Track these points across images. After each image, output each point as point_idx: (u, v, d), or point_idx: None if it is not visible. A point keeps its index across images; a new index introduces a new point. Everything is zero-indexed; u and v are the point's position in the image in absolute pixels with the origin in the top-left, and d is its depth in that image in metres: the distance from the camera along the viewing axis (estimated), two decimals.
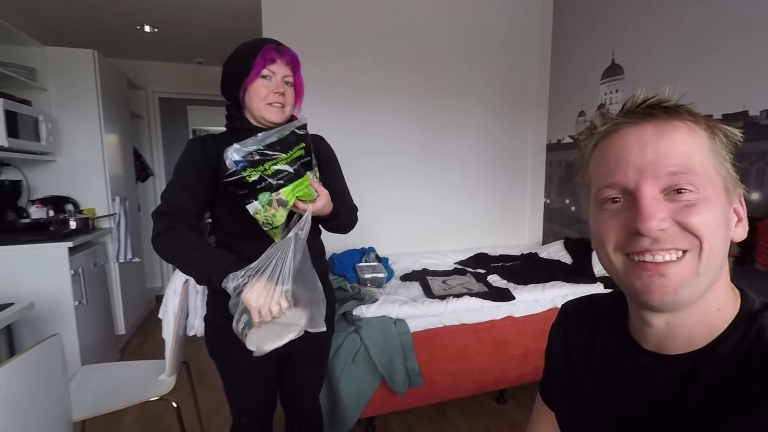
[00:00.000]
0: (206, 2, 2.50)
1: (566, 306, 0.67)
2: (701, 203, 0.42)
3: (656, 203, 0.43)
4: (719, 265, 0.44)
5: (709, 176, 0.43)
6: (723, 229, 0.43)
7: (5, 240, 1.97)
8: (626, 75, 2.37)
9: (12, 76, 2.13)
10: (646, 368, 0.49)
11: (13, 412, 0.88)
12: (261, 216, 0.89)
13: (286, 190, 0.87)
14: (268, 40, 1.03)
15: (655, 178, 0.43)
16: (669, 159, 0.43)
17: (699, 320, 0.45)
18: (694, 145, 0.43)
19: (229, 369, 1.11)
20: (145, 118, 3.86)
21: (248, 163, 0.83)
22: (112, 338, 2.66)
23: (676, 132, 0.43)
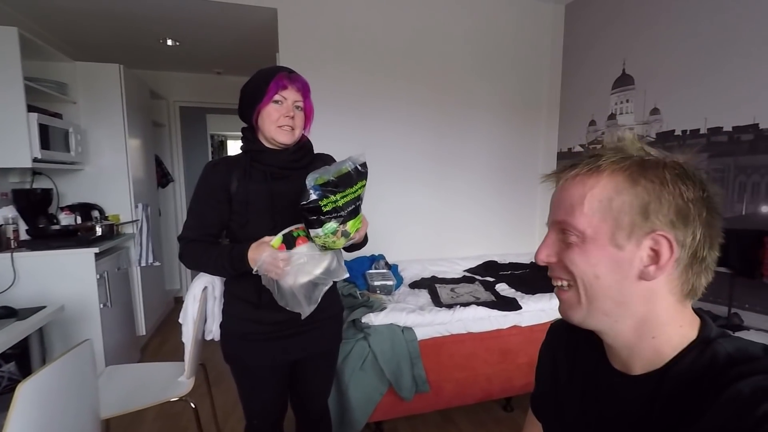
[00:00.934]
0: (225, 17, 2.60)
1: (553, 326, 0.72)
2: (576, 246, 0.51)
3: (548, 244, 0.54)
4: (612, 299, 0.50)
5: (592, 224, 0.49)
6: (601, 269, 0.49)
7: (38, 246, 2.10)
8: (637, 85, 2.38)
9: (45, 91, 2.26)
10: (616, 387, 0.54)
11: (50, 412, 0.97)
12: (320, 240, 0.97)
13: (350, 223, 0.97)
14: (282, 68, 1.10)
15: (552, 224, 0.55)
16: (559, 210, 0.53)
17: (640, 344, 0.51)
18: (581, 197, 0.50)
19: (242, 373, 1.18)
20: (167, 126, 4.02)
21: (324, 194, 0.91)
22: (133, 339, 2.78)
23: (572, 186, 0.52)
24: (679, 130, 2.14)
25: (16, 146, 2.01)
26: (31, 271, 2.02)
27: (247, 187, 1.11)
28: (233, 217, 1.11)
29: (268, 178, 1.11)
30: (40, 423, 0.92)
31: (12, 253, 2.00)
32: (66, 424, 1.02)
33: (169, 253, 4.05)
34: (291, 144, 1.12)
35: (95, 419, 1.19)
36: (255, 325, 1.12)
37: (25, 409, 0.88)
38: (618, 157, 0.49)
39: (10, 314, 1.64)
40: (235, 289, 1.17)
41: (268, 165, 1.12)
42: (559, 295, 0.55)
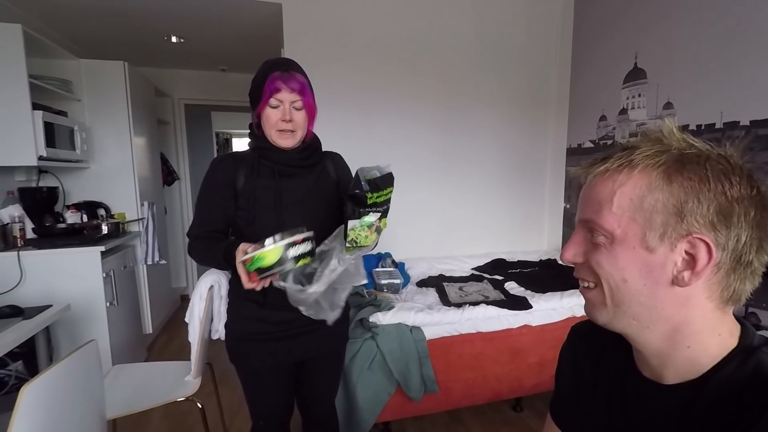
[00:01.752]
0: (229, 13, 2.58)
1: (575, 329, 0.68)
2: (603, 247, 0.48)
3: (575, 242, 0.52)
4: (640, 304, 0.47)
5: (618, 224, 0.46)
6: (630, 273, 0.46)
7: (44, 244, 2.09)
8: (649, 79, 2.33)
9: (49, 89, 2.25)
10: (646, 396, 0.51)
11: (55, 413, 0.95)
12: (355, 233, 0.97)
13: (384, 221, 1.00)
14: (276, 66, 1.04)
15: (580, 221, 0.52)
16: (586, 208, 0.50)
17: (673, 354, 0.48)
18: (610, 194, 0.47)
19: (248, 374, 1.17)
20: (171, 124, 4.01)
21: (372, 188, 0.93)
22: (140, 337, 2.78)
23: (601, 183, 0.48)
24: (693, 124, 2.09)
25: (21, 144, 2.00)
26: (37, 270, 2.01)
27: (254, 183, 1.09)
28: (239, 213, 1.09)
29: (276, 175, 1.09)
30: (44, 425, 0.91)
31: (18, 251, 1.99)
32: (71, 426, 1.00)
33: (175, 251, 4.05)
34: (293, 147, 1.09)
35: (101, 420, 1.17)
36: (260, 324, 1.10)
37: (29, 410, 0.86)
38: (653, 151, 0.45)
39: (16, 313, 1.63)
40: (240, 288, 1.15)
41: (276, 162, 1.10)
42: (584, 294, 0.53)
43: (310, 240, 0.93)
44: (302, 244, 0.91)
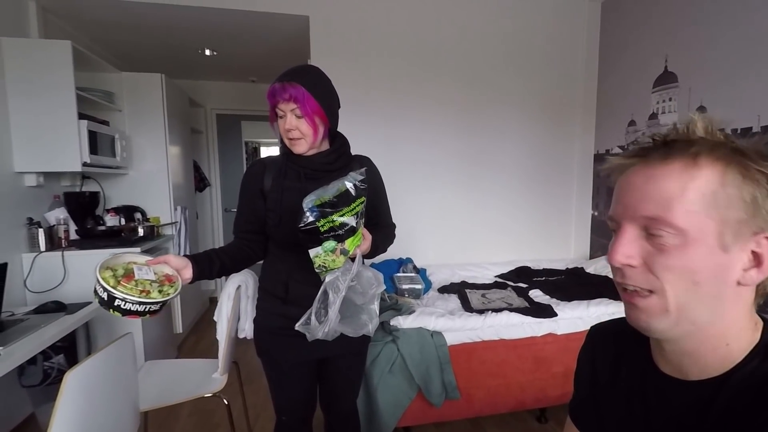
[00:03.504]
0: (259, 26, 2.69)
1: (594, 329, 0.68)
2: (672, 249, 0.43)
3: (629, 242, 0.46)
4: (705, 306, 0.44)
5: (693, 222, 0.42)
6: (704, 275, 0.43)
7: (86, 245, 2.23)
8: (680, 83, 2.26)
9: (94, 100, 2.41)
10: (667, 393, 0.50)
11: (94, 400, 1.01)
12: (320, 259, 0.96)
13: (349, 241, 0.96)
14: (279, 77, 1.07)
15: (633, 219, 0.46)
16: (648, 203, 0.44)
17: (708, 353, 0.46)
18: (681, 189, 0.43)
19: (272, 368, 1.21)
20: (204, 133, 4.19)
21: (321, 214, 0.91)
22: (171, 336, 2.88)
23: (665, 175, 0.44)
24: (729, 128, 2.01)
25: (68, 151, 2.14)
26: (79, 269, 2.14)
27: (281, 185, 1.13)
28: (268, 214, 1.14)
29: (302, 178, 1.13)
30: (85, 410, 0.97)
31: (63, 252, 2.13)
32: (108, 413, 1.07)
33: None
34: (306, 152, 1.12)
35: (135, 410, 1.24)
36: (283, 320, 1.14)
37: (72, 396, 0.93)
38: (712, 143, 0.43)
39: (60, 308, 1.74)
40: (266, 284, 1.20)
41: (303, 167, 1.14)
42: (635, 301, 0.46)
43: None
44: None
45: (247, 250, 1.18)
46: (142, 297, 0.86)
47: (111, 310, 0.86)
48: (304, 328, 0.95)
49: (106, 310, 0.86)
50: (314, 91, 1.07)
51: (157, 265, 0.96)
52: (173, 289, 0.93)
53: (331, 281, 0.94)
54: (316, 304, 0.95)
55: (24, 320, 1.61)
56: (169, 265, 0.98)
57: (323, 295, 0.94)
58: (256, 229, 1.18)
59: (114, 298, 0.84)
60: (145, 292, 0.87)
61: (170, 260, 0.97)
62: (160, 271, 0.95)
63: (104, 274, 0.85)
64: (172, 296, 0.93)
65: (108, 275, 0.85)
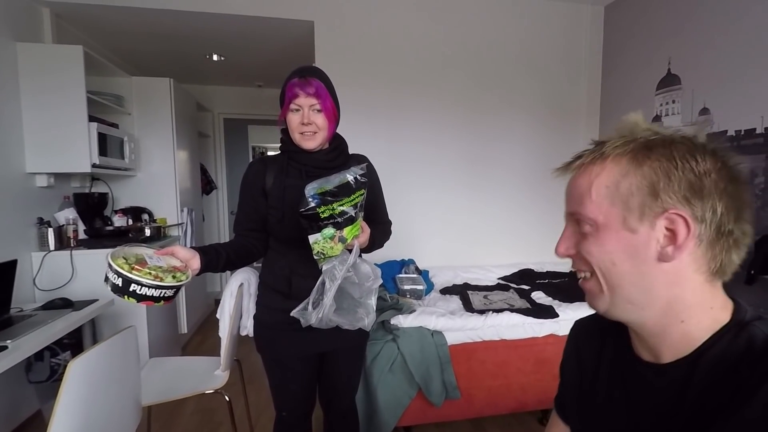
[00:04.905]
0: (265, 33, 2.74)
1: (578, 322, 0.69)
2: (590, 236, 0.51)
3: (566, 236, 0.55)
4: (634, 285, 0.48)
5: (602, 211, 0.49)
6: (617, 255, 0.48)
7: (94, 244, 2.27)
8: (684, 85, 2.26)
9: (104, 104, 2.47)
10: (645, 378, 0.52)
11: (97, 391, 1.04)
12: (319, 246, 0.99)
13: (347, 230, 0.99)
14: (295, 73, 1.11)
15: (567, 214, 0.55)
16: (570, 202, 0.54)
17: (666, 330, 0.48)
18: (588, 185, 0.50)
19: (272, 364, 1.22)
20: (211, 137, 4.25)
21: (322, 201, 0.95)
22: (175, 336, 2.91)
23: (580, 175, 0.52)
24: (732, 130, 2.01)
25: (78, 153, 2.19)
26: (87, 268, 2.18)
27: (283, 183, 1.15)
28: (270, 211, 1.16)
29: (303, 175, 1.16)
30: (87, 399, 0.99)
31: (71, 251, 2.17)
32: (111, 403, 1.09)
33: None
34: (316, 148, 1.15)
35: (137, 403, 1.26)
36: (285, 315, 1.15)
37: (75, 384, 0.95)
38: (622, 141, 0.49)
39: (67, 305, 1.78)
40: (268, 279, 1.22)
41: (304, 164, 1.17)
42: (583, 286, 0.54)
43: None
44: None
45: (250, 246, 1.20)
46: (157, 281, 0.86)
47: (125, 296, 0.86)
48: (299, 313, 0.97)
49: (120, 297, 0.86)
50: (329, 89, 1.13)
51: (165, 256, 0.98)
52: (185, 276, 0.94)
53: (328, 269, 0.96)
54: (314, 294, 0.97)
55: (32, 316, 1.65)
56: (177, 256, 0.99)
57: (321, 285, 0.97)
58: (257, 227, 1.20)
59: (129, 282, 0.84)
60: (159, 278, 0.87)
61: (177, 251, 0.99)
62: (168, 263, 0.97)
63: (118, 261, 0.86)
64: (185, 282, 0.94)
65: (121, 262, 0.86)
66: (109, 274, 0.86)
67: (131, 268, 0.86)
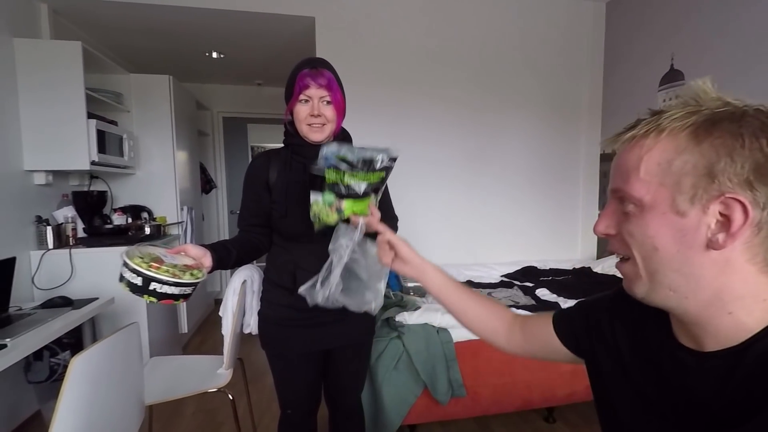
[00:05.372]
0: (265, 29, 2.72)
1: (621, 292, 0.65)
2: (633, 216, 0.47)
3: (609, 213, 0.51)
4: (678, 271, 0.45)
5: (649, 190, 0.45)
6: (661, 240, 0.45)
7: (93, 243, 2.24)
8: (687, 80, 2.25)
9: (103, 101, 2.44)
10: (684, 363, 0.49)
11: (98, 388, 1.01)
12: (317, 207, 0.97)
13: (348, 203, 0.96)
14: (306, 63, 1.10)
15: (611, 191, 0.51)
16: (615, 177, 0.50)
17: (710, 320, 0.45)
18: (637, 160, 0.46)
19: (277, 360, 1.20)
20: (210, 135, 4.22)
21: (335, 165, 0.93)
22: (176, 336, 2.89)
23: (630, 149, 0.47)
24: None
25: (76, 150, 2.17)
26: (86, 266, 2.15)
27: (286, 178, 1.13)
28: (273, 206, 1.14)
29: (306, 169, 1.13)
30: (90, 397, 0.97)
31: (70, 249, 2.14)
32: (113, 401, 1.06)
33: None
34: (323, 140, 1.13)
35: (140, 401, 1.23)
36: (290, 311, 1.14)
37: (77, 382, 0.93)
38: (683, 113, 0.43)
39: (66, 303, 1.75)
40: (272, 275, 1.20)
41: (308, 158, 1.14)
42: (620, 268, 0.51)
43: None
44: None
45: (255, 242, 1.18)
46: (176, 279, 0.86)
47: (145, 295, 0.85)
48: (307, 291, 0.95)
49: (140, 296, 0.85)
50: (339, 82, 1.13)
51: (177, 255, 0.96)
52: (201, 274, 0.94)
53: (334, 247, 0.95)
54: (322, 273, 0.95)
55: (31, 314, 1.63)
56: (188, 254, 0.97)
57: (329, 264, 0.95)
58: (261, 222, 1.18)
59: (150, 281, 0.84)
60: (177, 276, 0.87)
61: (189, 249, 0.97)
62: (181, 261, 0.95)
63: (135, 260, 0.85)
64: (201, 279, 0.94)
65: (138, 261, 0.85)
66: (126, 274, 0.85)
67: (149, 267, 0.85)
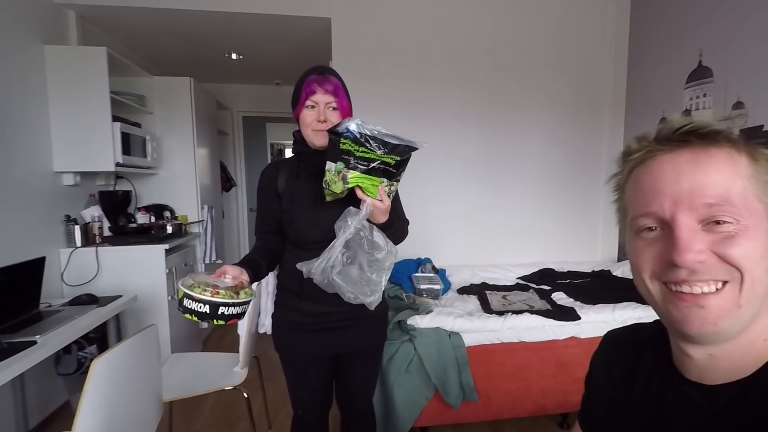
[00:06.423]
0: (283, 30, 2.75)
1: (610, 335, 0.66)
2: (741, 234, 0.41)
3: (693, 235, 0.42)
4: (763, 295, 0.42)
5: (749, 206, 0.41)
6: (766, 260, 0.42)
7: (117, 241, 2.33)
8: (716, 78, 2.15)
9: (127, 103, 2.52)
10: (690, 399, 0.47)
11: (119, 388, 1.06)
12: (329, 174, 1.02)
13: (354, 174, 1.01)
14: (313, 70, 1.12)
15: (691, 209, 0.42)
16: (705, 189, 0.42)
17: (744, 351, 0.44)
18: (732, 173, 0.42)
19: (290, 362, 1.23)
20: (230, 134, 4.31)
21: (351, 137, 0.98)
22: (196, 331, 2.98)
23: (713, 160, 0.42)
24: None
25: (102, 152, 2.25)
26: (111, 264, 2.24)
27: (294, 186, 1.16)
28: (283, 214, 1.16)
29: (313, 177, 1.15)
30: (110, 397, 1.02)
31: (96, 247, 2.24)
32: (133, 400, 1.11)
33: (231, 252, 4.31)
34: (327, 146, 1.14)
35: (158, 399, 1.28)
36: (299, 315, 1.16)
37: (99, 382, 0.97)
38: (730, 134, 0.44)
39: (92, 301, 1.83)
40: (283, 279, 1.22)
41: (315, 165, 1.16)
42: (704, 302, 0.42)
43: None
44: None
45: (274, 248, 1.21)
46: (238, 299, 0.93)
47: (215, 320, 0.92)
48: (305, 264, 0.99)
49: (209, 322, 0.92)
50: (345, 89, 1.15)
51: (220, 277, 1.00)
52: (251, 290, 1.01)
53: (339, 225, 1.00)
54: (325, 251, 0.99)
55: (60, 311, 1.71)
56: (228, 275, 1.00)
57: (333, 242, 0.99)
58: (275, 229, 1.21)
59: (218, 306, 0.91)
60: (235, 297, 0.93)
61: (228, 270, 1.00)
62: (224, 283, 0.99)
63: (197, 290, 0.91)
64: (254, 295, 1.01)
65: (200, 290, 0.91)
66: (191, 305, 0.91)
67: (212, 294, 0.91)
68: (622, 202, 0.52)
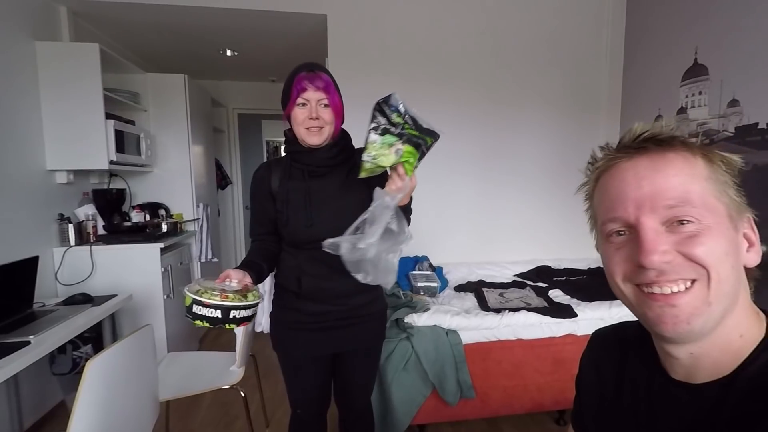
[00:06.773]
0: (279, 26, 2.73)
1: (596, 334, 0.66)
2: (704, 233, 0.42)
3: (657, 236, 0.43)
4: (732, 292, 0.43)
5: (709, 205, 0.43)
6: (731, 257, 0.43)
7: (112, 240, 2.31)
8: (711, 75, 2.16)
9: (121, 101, 2.49)
10: (677, 398, 0.48)
11: (115, 389, 1.05)
12: (373, 149, 0.96)
13: (408, 148, 0.98)
14: (302, 67, 1.10)
15: (653, 211, 0.44)
16: (666, 192, 0.43)
17: (722, 348, 0.44)
18: (690, 175, 0.43)
19: (288, 362, 1.23)
20: (226, 132, 4.28)
21: (402, 112, 0.96)
22: (192, 330, 2.96)
23: (670, 164, 0.44)
24: (763, 122, 1.91)
25: (96, 150, 2.22)
26: (106, 263, 2.22)
27: (287, 186, 1.15)
28: (278, 214, 1.16)
29: (306, 176, 1.14)
30: (106, 397, 1.01)
31: (91, 246, 2.22)
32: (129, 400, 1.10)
33: (227, 250, 4.29)
34: (322, 144, 1.12)
35: (154, 399, 1.27)
36: (296, 314, 1.16)
37: (94, 383, 0.96)
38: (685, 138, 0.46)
39: (87, 300, 1.82)
40: (281, 279, 1.22)
41: (306, 164, 1.15)
42: (674, 301, 0.43)
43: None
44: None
45: (271, 249, 1.20)
46: (247, 302, 0.92)
47: (227, 324, 0.91)
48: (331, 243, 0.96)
49: (222, 326, 0.92)
50: (336, 86, 1.13)
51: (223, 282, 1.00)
52: (258, 292, 1.00)
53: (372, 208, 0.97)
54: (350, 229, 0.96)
55: (54, 311, 1.69)
56: (231, 278, 1.00)
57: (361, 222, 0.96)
58: (271, 230, 1.20)
59: (229, 310, 0.90)
60: (244, 300, 0.93)
61: (231, 274, 1.00)
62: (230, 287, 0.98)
63: (207, 295, 0.90)
64: (262, 298, 1.00)
65: (209, 295, 0.90)
66: (202, 311, 0.90)
67: (222, 298, 0.90)
68: (592, 210, 0.54)
